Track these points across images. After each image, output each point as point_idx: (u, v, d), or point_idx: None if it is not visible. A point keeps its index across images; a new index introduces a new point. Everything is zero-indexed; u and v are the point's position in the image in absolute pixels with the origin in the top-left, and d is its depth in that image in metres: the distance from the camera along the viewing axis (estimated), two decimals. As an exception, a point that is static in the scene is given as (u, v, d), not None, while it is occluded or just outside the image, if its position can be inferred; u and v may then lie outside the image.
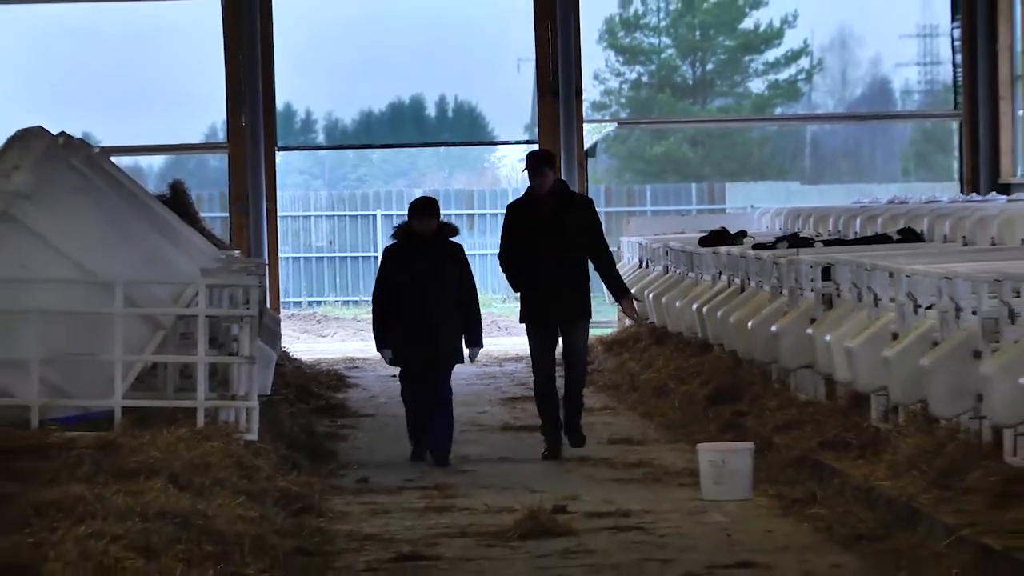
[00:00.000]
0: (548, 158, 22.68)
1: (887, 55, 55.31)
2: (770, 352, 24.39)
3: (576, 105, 40.59)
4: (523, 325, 22.56)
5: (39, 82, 41.34)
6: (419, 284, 21.48)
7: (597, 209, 23.00)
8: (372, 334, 22.52)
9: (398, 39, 48.08)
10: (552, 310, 21.70)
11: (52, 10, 40.51)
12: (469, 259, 22.05)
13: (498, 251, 22.58)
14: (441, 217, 22.03)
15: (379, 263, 22.46)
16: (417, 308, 21.43)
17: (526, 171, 22.14)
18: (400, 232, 21.96)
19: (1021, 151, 39.64)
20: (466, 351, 22.25)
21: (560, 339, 22.03)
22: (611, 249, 23.31)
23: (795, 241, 28.13)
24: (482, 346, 22.29)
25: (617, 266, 24.29)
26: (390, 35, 47.62)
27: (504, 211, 22.75)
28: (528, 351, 22.70)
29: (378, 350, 22.47)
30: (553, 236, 21.45)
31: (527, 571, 16.09)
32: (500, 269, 22.83)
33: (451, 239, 22.03)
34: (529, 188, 22.13)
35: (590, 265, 22.38)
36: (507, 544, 17.27)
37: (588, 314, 22.27)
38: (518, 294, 22.56)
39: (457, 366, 22.49)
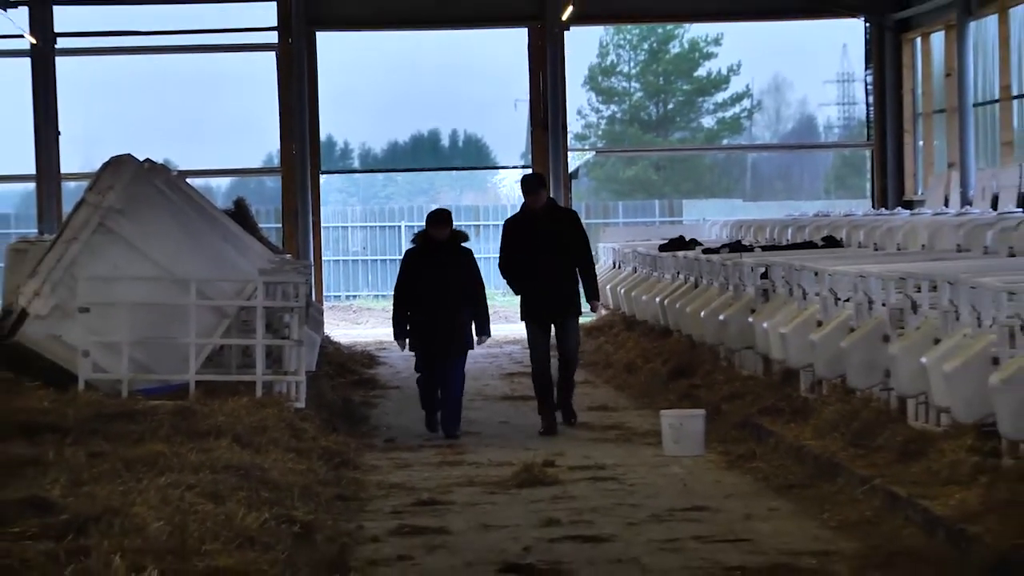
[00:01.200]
0: (541, 180, 21.94)
1: (813, 97, 55.43)
2: (718, 336, 24.37)
3: (562, 137, 40.56)
4: (522, 320, 21.91)
5: (128, 117, 41.27)
6: (434, 282, 20.81)
7: (582, 220, 22.28)
8: (392, 325, 21.58)
9: (418, 84, 48.06)
10: (547, 308, 21.04)
11: (139, 60, 40.52)
12: (477, 261, 21.57)
13: (499, 260, 21.84)
14: (453, 226, 21.31)
15: (402, 263, 21.81)
16: (432, 303, 20.79)
17: (522, 191, 21.44)
18: (419, 238, 21.41)
19: (921, 174, 39.63)
20: (476, 339, 21.45)
21: (554, 331, 21.33)
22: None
23: (738, 247, 28.14)
24: (490, 335, 21.74)
25: (596, 267, 23.77)
26: (412, 81, 47.56)
27: (504, 222, 22.18)
28: (526, 341, 21.93)
29: (395, 338, 21.65)
30: (547, 246, 20.79)
31: (523, 513, 16.07)
32: (501, 274, 22.07)
33: (462, 244, 21.29)
34: (524, 205, 21.46)
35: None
36: (507, 491, 17.29)
37: (578, 310, 21.62)
38: (518, 295, 21.85)
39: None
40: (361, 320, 41.38)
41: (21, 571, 10.78)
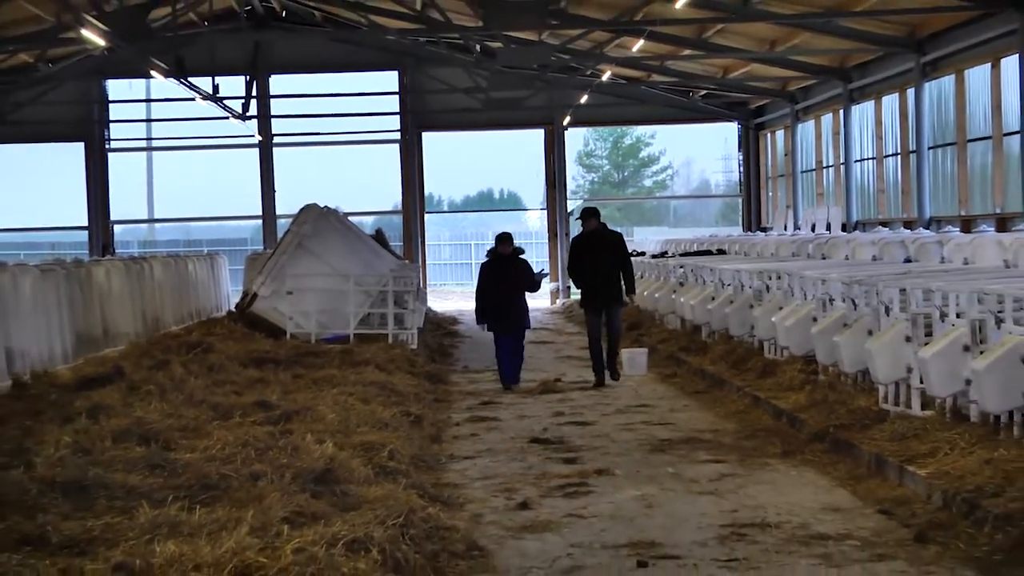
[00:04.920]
0: (596, 212, 18.90)
1: (708, 167, 55.05)
2: (655, 306, 24.31)
3: (563, 192, 40.56)
4: (581, 308, 19.26)
5: (314, 181, 41.32)
6: (502, 283, 18.52)
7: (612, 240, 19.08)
8: (475, 314, 19.06)
9: (480, 161, 47.97)
10: (599, 299, 18.35)
11: (321, 149, 40.62)
12: (530, 265, 19.25)
13: (567, 265, 19.43)
14: (514, 243, 19.14)
15: (479, 272, 19.30)
16: (502, 297, 18.50)
17: (581, 218, 18.82)
18: (491, 253, 19.23)
19: (770, 212, 39.51)
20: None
21: (604, 316, 18.40)
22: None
23: (664, 255, 28.06)
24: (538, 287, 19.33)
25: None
26: (477, 159, 47.50)
27: (572, 239, 19.70)
28: (585, 322, 18.96)
29: (477, 323, 19.26)
30: (600, 256, 18.24)
31: (542, 409, 16.05)
32: (568, 274, 19.58)
33: (520, 256, 19.09)
34: (584, 228, 18.62)
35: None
36: (533, 396, 17.31)
37: (621, 302, 18.70)
38: (579, 289, 19.08)
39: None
40: (448, 298, 41.34)
41: (253, 442, 10.78)
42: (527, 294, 18.82)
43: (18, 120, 36.97)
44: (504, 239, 18.86)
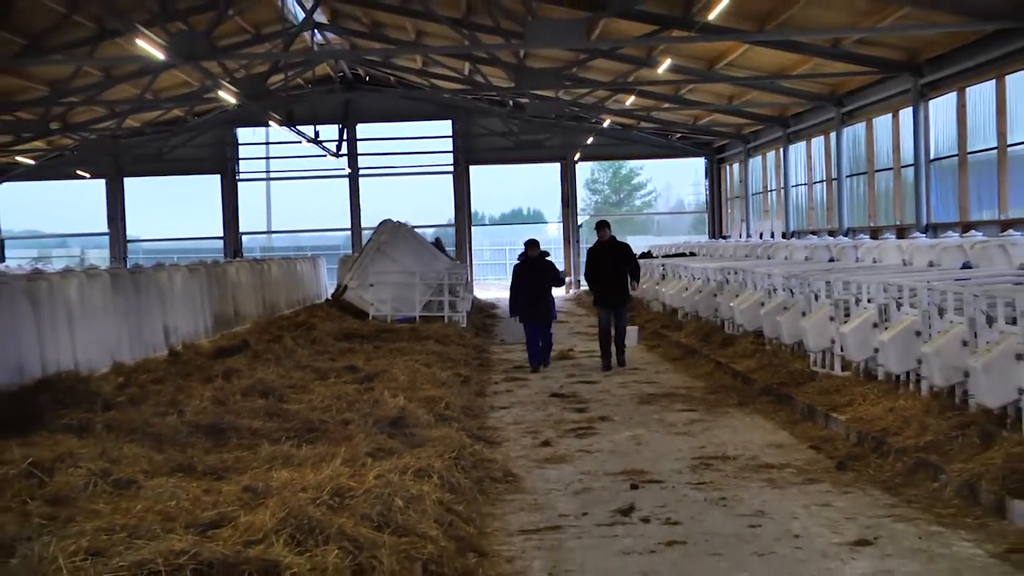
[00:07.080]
0: (608, 224, 17.07)
1: (683, 192, 54.67)
2: (644, 295, 24.18)
3: (574, 210, 40.53)
4: (594, 306, 17.12)
5: (389, 202, 41.24)
6: (531, 283, 16.58)
7: (609, 247, 16.84)
8: (509, 307, 17.05)
9: (512, 186, 47.80)
10: (609, 299, 16.36)
11: (395, 179, 40.49)
12: (555, 266, 17.47)
13: (584, 271, 17.24)
14: (541, 247, 17.26)
15: (512, 272, 17.12)
16: (531, 295, 16.50)
17: (597, 229, 16.98)
18: (522, 256, 17.27)
19: (729, 224, 39.31)
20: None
21: (612, 314, 16.44)
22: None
23: (648, 255, 27.89)
24: (562, 284, 17.44)
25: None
26: (509, 184, 47.32)
27: (588, 248, 17.81)
28: (597, 318, 16.92)
29: (511, 315, 17.05)
30: (611, 263, 16.40)
31: (559, 372, 16.04)
32: (585, 278, 17.20)
33: (546, 259, 17.40)
34: (598, 238, 16.75)
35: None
36: (554, 362, 17.18)
37: (627, 302, 16.72)
38: (593, 291, 16.99)
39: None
40: (489, 289, 41.24)
41: (344, 397, 10.80)
42: (553, 288, 17.20)
43: (172, 158, 37.95)
44: (532, 244, 16.98)
